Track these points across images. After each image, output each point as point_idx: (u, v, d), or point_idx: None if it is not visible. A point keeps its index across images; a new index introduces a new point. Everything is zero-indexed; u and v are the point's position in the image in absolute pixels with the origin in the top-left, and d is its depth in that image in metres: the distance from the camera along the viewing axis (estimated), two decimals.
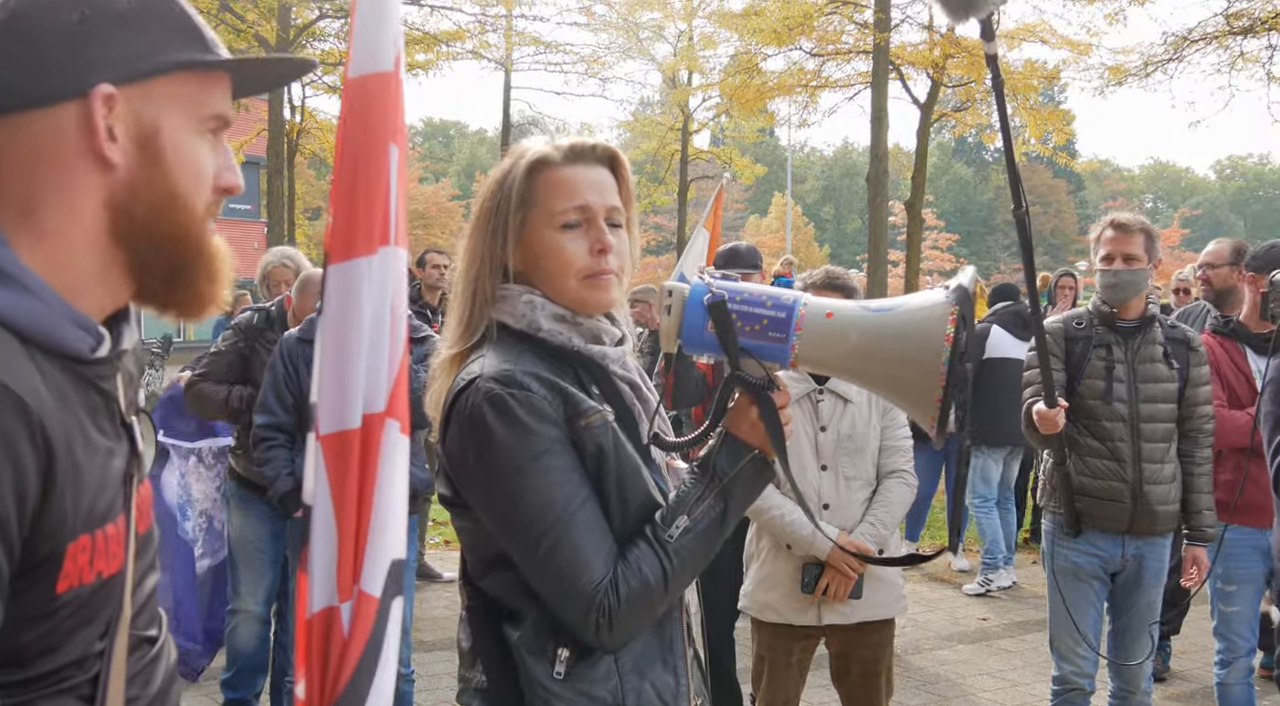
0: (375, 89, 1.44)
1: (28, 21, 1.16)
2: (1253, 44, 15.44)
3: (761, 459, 1.81)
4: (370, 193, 1.42)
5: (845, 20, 16.51)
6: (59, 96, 1.17)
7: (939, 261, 37.55)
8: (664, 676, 1.83)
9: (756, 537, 3.97)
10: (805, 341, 1.76)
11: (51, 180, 1.18)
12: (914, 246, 17.05)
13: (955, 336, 1.69)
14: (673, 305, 1.80)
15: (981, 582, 7.72)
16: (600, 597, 1.68)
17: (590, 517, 1.72)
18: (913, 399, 1.77)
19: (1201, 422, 4.13)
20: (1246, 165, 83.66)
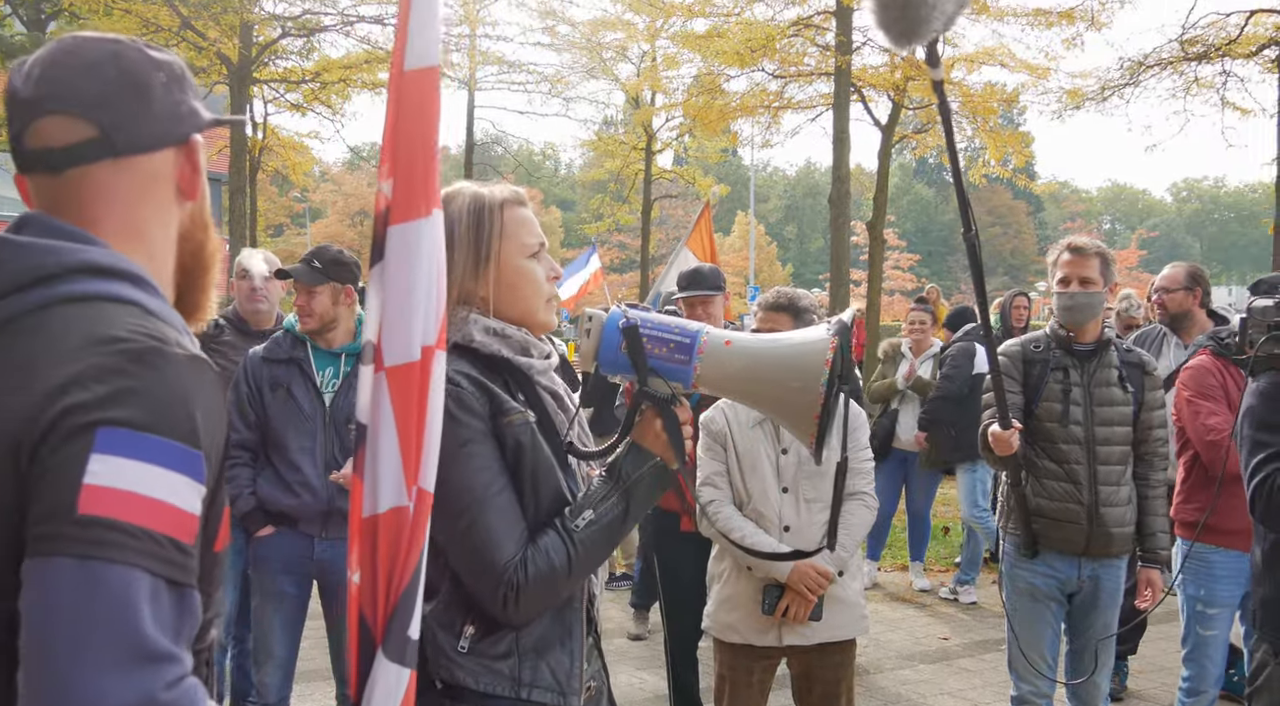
0: (427, 81, 1.67)
1: (138, 78, 1.40)
2: (1207, 70, 15.72)
3: (662, 466, 2.04)
4: (426, 167, 1.66)
5: (807, 42, 16.65)
6: (165, 143, 1.43)
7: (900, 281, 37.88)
8: (560, 658, 2.03)
9: (718, 559, 3.99)
10: (706, 364, 1.99)
11: (155, 212, 1.43)
12: (876, 266, 17.17)
13: (834, 362, 1.92)
14: (592, 329, 2.03)
15: (951, 590, 8.02)
16: (510, 574, 1.90)
17: (505, 503, 1.94)
18: (794, 418, 1.98)
19: (1156, 446, 4.18)
20: (1202, 188, 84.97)
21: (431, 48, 1.67)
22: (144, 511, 1.19)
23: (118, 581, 1.16)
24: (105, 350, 1.24)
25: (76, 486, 1.17)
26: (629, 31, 21.82)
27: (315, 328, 4.31)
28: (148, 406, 1.22)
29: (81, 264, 1.33)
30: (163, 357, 1.26)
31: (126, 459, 1.19)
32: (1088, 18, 15.76)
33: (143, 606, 1.17)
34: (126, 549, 1.17)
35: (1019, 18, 16.21)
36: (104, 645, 1.14)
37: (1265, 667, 3.25)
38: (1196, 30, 15.13)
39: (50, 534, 1.17)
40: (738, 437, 3.88)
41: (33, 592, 1.16)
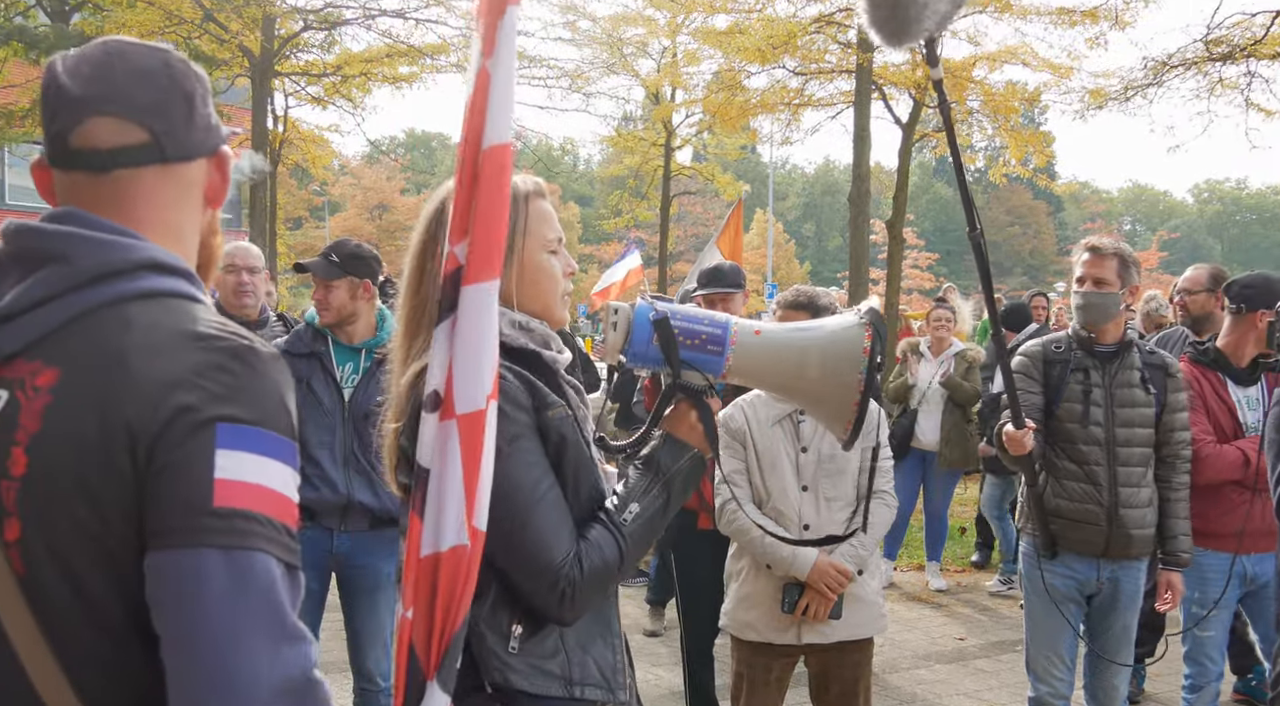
0: (504, 157, 1.77)
1: (186, 89, 1.46)
2: (1231, 70, 15.59)
3: (699, 457, 2.05)
4: (499, 234, 1.76)
5: (829, 40, 16.58)
6: (203, 152, 1.49)
7: (919, 280, 37.73)
8: (604, 652, 2.03)
9: (737, 557, 3.99)
10: (738, 355, 1.99)
11: (189, 217, 1.49)
12: (894, 265, 17.12)
13: (871, 349, 1.91)
14: (619, 322, 2.01)
15: (1003, 580, 8.15)
16: (566, 570, 1.88)
17: (555, 499, 1.92)
18: (831, 408, 1.98)
19: (1179, 448, 4.16)
20: (1224, 189, 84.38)
21: (507, 125, 1.77)
22: (268, 501, 1.28)
23: (261, 568, 1.25)
24: (202, 347, 1.31)
25: (209, 480, 1.24)
26: (650, 27, 21.76)
27: (333, 321, 4.31)
28: (255, 402, 1.30)
29: (147, 260, 1.38)
30: (257, 355, 1.34)
31: (246, 452, 1.27)
32: (1111, 17, 15.65)
33: (282, 590, 1.27)
34: (261, 537, 1.26)
35: (1042, 16, 16.10)
36: (258, 629, 1.23)
37: None
38: (1221, 30, 15.01)
39: (189, 526, 1.23)
40: (757, 436, 3.87)
41: (178, 583, 1.23)
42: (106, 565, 1.27)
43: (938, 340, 8.26)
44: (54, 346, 1.31)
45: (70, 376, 1.29)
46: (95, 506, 1.25)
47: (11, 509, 1.28)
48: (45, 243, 1.37)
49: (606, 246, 44.81)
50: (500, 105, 1.76)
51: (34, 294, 1.33)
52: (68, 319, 1.32)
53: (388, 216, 43.72)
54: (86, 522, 1.26)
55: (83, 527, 1.26)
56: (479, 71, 1.79)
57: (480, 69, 1.78)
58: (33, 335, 1.32)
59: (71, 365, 1.30)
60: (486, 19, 1.78)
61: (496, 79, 1.77)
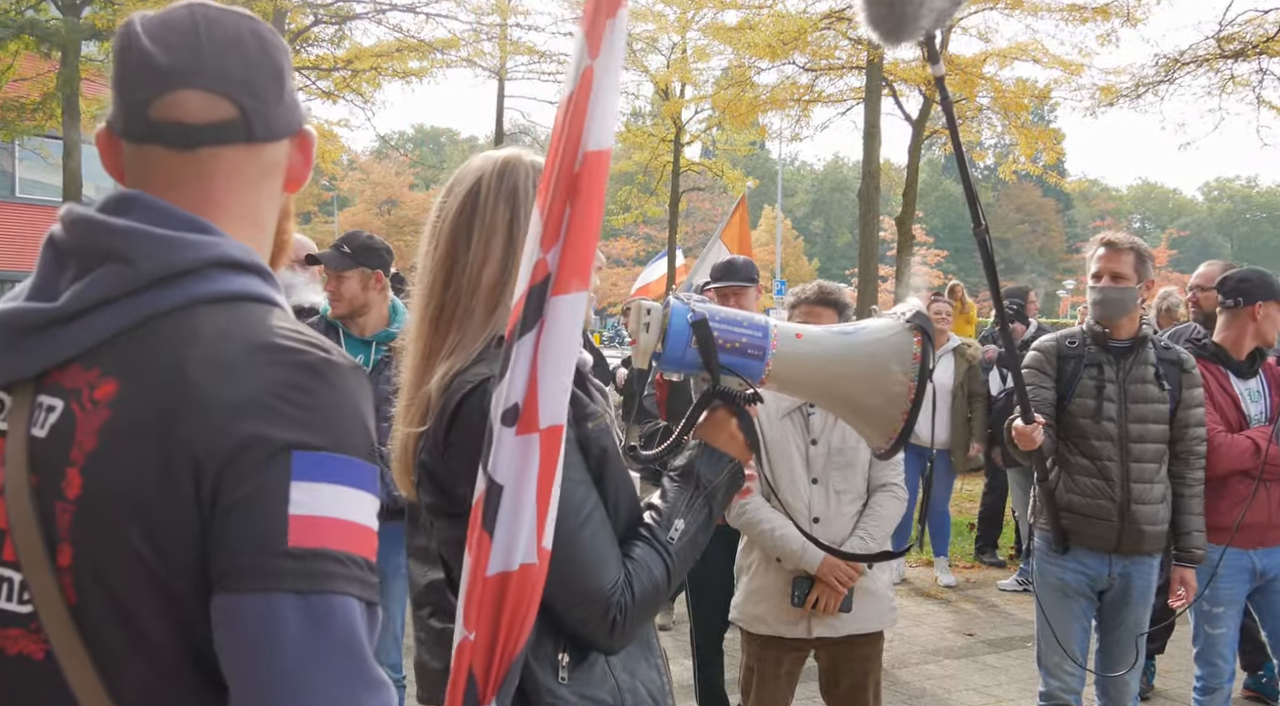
0: (603, 163, 1.69)
1: (277, 62, 1.37)
2: (1243, 67, 15.55)
3: (739, 467, 1.92)
4: (592, 244, 1.67)
5: (839, 36, 16.56)
6: (287, 132, 1.39)
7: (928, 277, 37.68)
8: (650, 674, 1.90)
9: (747, 551, 3.98)
10: (779, 361, 1.88)
11: (270, 200, 1.41)
12: (904, 262, 17.10)
13: (922, 356, 1.81)
14: (652, 323, 1.89)
15: (1020, 580, 8.07)
16: (618, 597, 1.74)
17: (601, 521, 1.77)
18: (875, 416, 1.87)
19: (1193, 444, 4.15)
20: (1234, 187, 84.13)
21: (610, 131, 1.70)
22: (346, 536, 1.17)
23: (341, 613, 1.15)
24: (276, 362, 1.20)
25: (283, 517, 1.14)
26: (660, 23, 21.76)
27: (344, 312, 4.31)
28: (335, 425, 1.19)
29: (216, 258, 1.27)
30: (335, 370, 1.23)
31: (323, 483, 1.16)
32: (1123, 13, 15.62)
33: (363, 635, 1.17)
34: (340, 578, 1.15)
35: (1053, 13, 16.08)
36: (336, 680, 1.13)
37: None
38: (1234, 27, 14.97)
39: (262, 569, 1.13)
40: (766, 428, 3.86)
41: (250, 630, 1.13)
42: (163, 601, 1.17)
43: (940, 334, 8.23)
44: (114, 355, 1.20)
45: (130, 391, 1.18)
46: (152, 538, 1.15)
47: (64, 534, 1.17)
48: (104, 238, 1.25)
49: (615, 243, 44.80)
50: (604, 109, 1.69)
51: (90, 295, 1.22)
52: (130, 325, 1.21)
53: (396, 211, 43.73)
54: (143, 555, 1.15)
55: (139, 559, 1.15)
56: (583, 72, 1.70)
57: (585, 69, 1.69)
58: (89, 341, 1.21)
59: (132, 378, 1.18)
60: (593, 18, 1.70)
61: (602, 81, 1.70)
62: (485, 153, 1.99)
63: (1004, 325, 3.86)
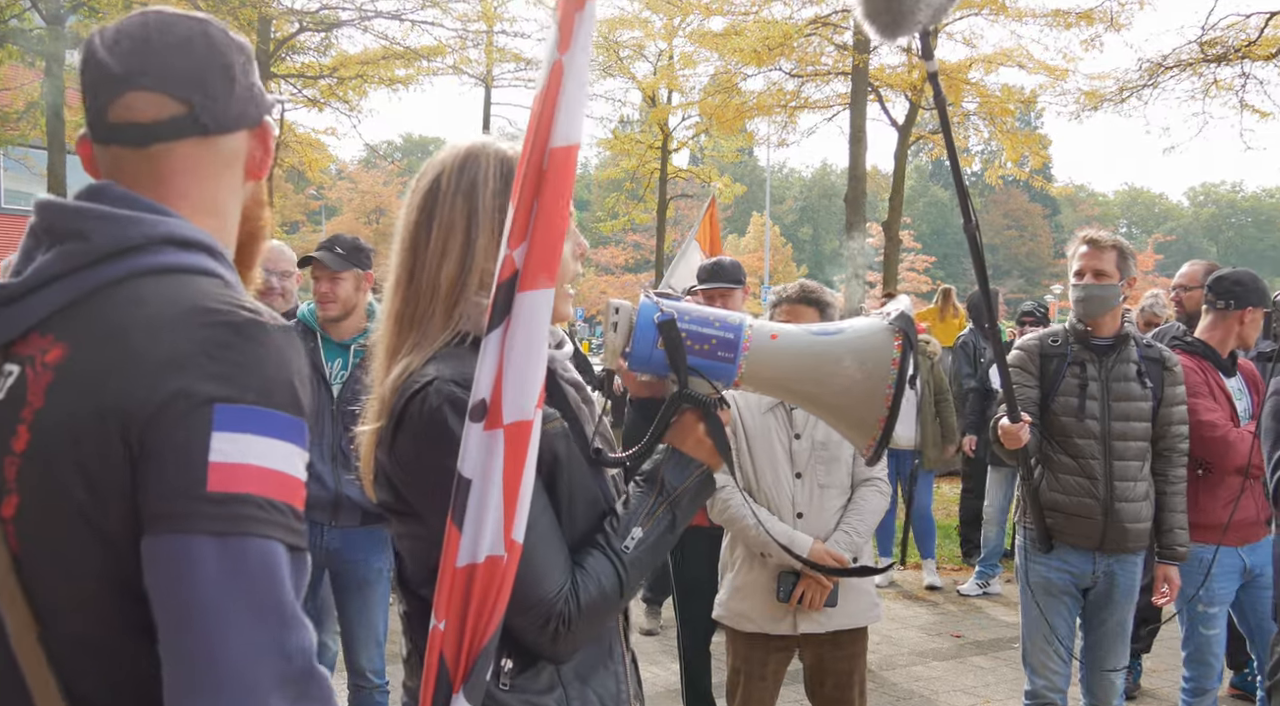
0: (570, 158, 1.68)
1: (225, 58, 1.44)
2: (1226, 72, 15.64)
3: (708, 474, 1.86)
4: (559, 239, 1.66)
5: (824, 41, 16.63)
6: (244, 125, 1.46)
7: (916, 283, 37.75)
8: (606, 682, 1.86)
9: (731, 548, 3.98)
10: (752, 362, 1.80)
11: (229, 190, 1.48)
12: (891, 267, 17.14)
13: (901, 361, 1.74)
14: (620, 322, 1.83)
15: (979, 583, 8.11)
16: (560, 606, 1.70)
17: (548, 526, 1.73)
18: (855, 421, 1.80)
19: (1175, 442, 4.15)
20: (1220, 192, 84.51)
21: (578, 126, 1.69)
22: (268, 483, 1.24)
23: (257, 554, 1.21)
24: (205, 322, 1.27)
25: (203, 464, 1.20)
26: (646, 29, 21.83)
27: (338, 314, 4.28)
28: (258, 380, 1.26)
29: (165, 235, 1.35)
30: (263, 329, 1.29)
31: (245, 434, 1.23)
32: (1107, 19, 15.73)
33: (282, 576, 1.23)
34: (261, 522, 1.22)
35: (1038, 19, 16.19)
36: (254, 617, 1.19)
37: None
38: (1216, 32, 15.06)
39: (182, 512, 1.19)
40: (748, 423, 3.86)
41: (171, 570, 1.19)
42: (101, 550, 1.24)
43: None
44: (65, 322, 1.30)
45: (75, 353, 1.27)
46: (92, 489, 1.23)
47: (11, 485, 1.26)
48: (67, 219, 1.35)
49: (604, 250, 44.82)
50: (573, 103, 1.67)
51: (49, 269, 1.31)
52: (80, 295, 1.30)
53: (385, 220, 43.70)
54: (83, 505, 1.23)
55: (79, 509, 1.23)
56: (553, 66, 1.68)
57: (555, 64, 1.68)
58: (43, 312, 1.30)
59: (78, 342, 1.27)
60: (564, 9, 1.69)
61: (571, 75, 1.68)
62: (452, 141, 1.93)
63: (992, 322, 3.87)
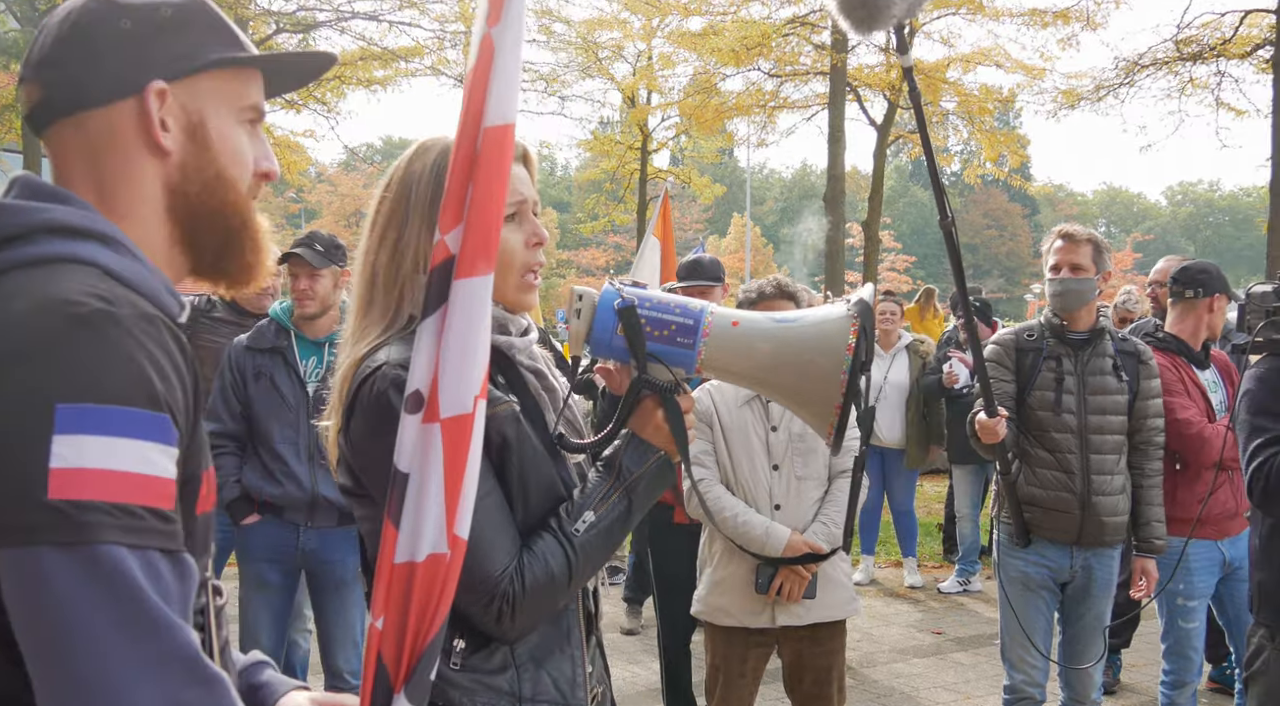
0: (506, 138, 1.61)
1: (87, 31, 1.34)
2: (1202, 70, 15.76)
3: (665, 460, 1.86)
4: (496, 224, 1.61)
5: (803, 41, 16.67)
6: (118, 95, 1.34)
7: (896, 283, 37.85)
8: (561, 665, 1.87)
9: (709, 542, 3.97)
10: (712, 348, 1.81)
11: (119, 169, 1.36)
12: (871, 267, 17.19)
13: (856, 347, 1.74)
14: (583, 309, 1.84)
15: (960, 580, 8.13)
16: (504, 586, 1.72)
17: (494, 507, 1.75)
18: (814, 407, 1.81)
19: (1151, 435, 4.16)
20: (1197, 191, 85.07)
21: (512, 104, 1.62)
22: (118, 487, 1.15)
23: (111, 564, 1.13)
24: (52, 316, 1.18)
25: (43, 471, 1.12)
26: (625, 30, 21.80)
27: (316, 311, 4.29)
28: (103, 376, 1.17)
29: (46, 223, 1.28)
30: (111, 320, 1.20)
31: (89, 435, 1.14)
32: (1083, 18, 15.83)
33: (138, 581, 1.14)
34: (107, 528, 1.13)
35: (1015, 18, 16.27)
36: (118, 631, 1.12)
37: (1262, 652, 3.23)
38: (1191, 30, 15.17)
39: (23, 524, 1.11)
40: (724, 417, 3.86)
41: (20, 587, 1.12)
42: None
43: (884, 333, 8.23)
44: None
45: None
46: None
47: None
48: None
49: (584, 252, 44.79)
50: (505, 80, 1.60)
51: None
52: None
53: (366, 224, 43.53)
54: None
55: None
56: (483, 41, 1.61)
57: (485, 39, 1.60)
58: None
59: None
60: None
61: (502, 50, 1.61)
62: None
63: (969, 319, 3.87)
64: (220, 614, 1.47)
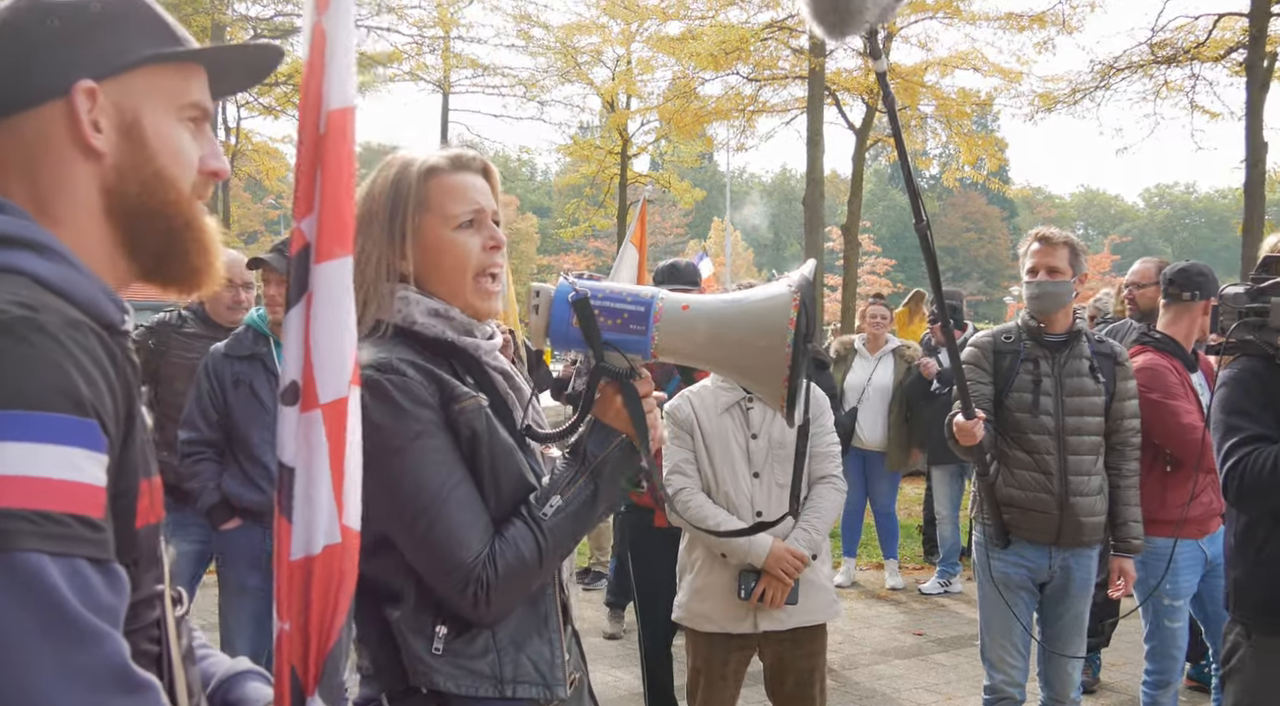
0: (348, 121, 1.61)
1: (14, 31, 1.30)
2: (1176, 73, 15.89)
3: (628, 444, 1.93)
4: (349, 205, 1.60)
5: (781, 46, 16.72)
6: (45, 97, 1.30)
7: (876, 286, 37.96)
8: (540, 648, 1.93)
9: (689, 549, 3.98)
10: (664, 332, 1.87)
11: (53, 173, 1.32)
12: (851, 270, 17.24)
13: (798, 321, 1.79)
14: (540, 304, 1.91)
15: (941, 582, 8.16)
16: (478, 571, 1.80)
17: (465, 496, 1.84)
18: (764, 382, 1.87)
19: (1128, 436, 4.20)
20: (1174, 193, 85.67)
21: (351, 87, 1.62)
22: (40, 493, 1.13)
23: (25, 570, 1.10)
24: None
25: None
26: (604, 35, 21.82)
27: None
28: (24, 381, 1.14)
29: None
30: (33, 326, 1.17)
31: (10, 441, 1.12)
32: (1059, 21, 15.93)
33: (59, 589, 1.11)
34: (27, 535, 1.10)
35: (991, 21, 16.35)
36: (29, 636, 1.09)
37: (1238, 649, 3.26)
38: (1165, 33, 15.30)
39: None
40: (705, 424, 3.87)
41: None
42: None
43: (874, 337, 8.27)
44: None
45: None
46: None
47: None
48: None
49: (565, 257, 44.75)
50: (340, 65, 1.59)
51: None
52: None
53: None
54: None
55: None
56: (314, 29, 1.59)
57: (315, 27, 1.58)
58: None
59: None
60: None
61: (334, 37, 1.59)
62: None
63: (945, 322, 3.89)
64: (181, 623, 1.46)
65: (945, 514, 8.24)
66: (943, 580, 8.18)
